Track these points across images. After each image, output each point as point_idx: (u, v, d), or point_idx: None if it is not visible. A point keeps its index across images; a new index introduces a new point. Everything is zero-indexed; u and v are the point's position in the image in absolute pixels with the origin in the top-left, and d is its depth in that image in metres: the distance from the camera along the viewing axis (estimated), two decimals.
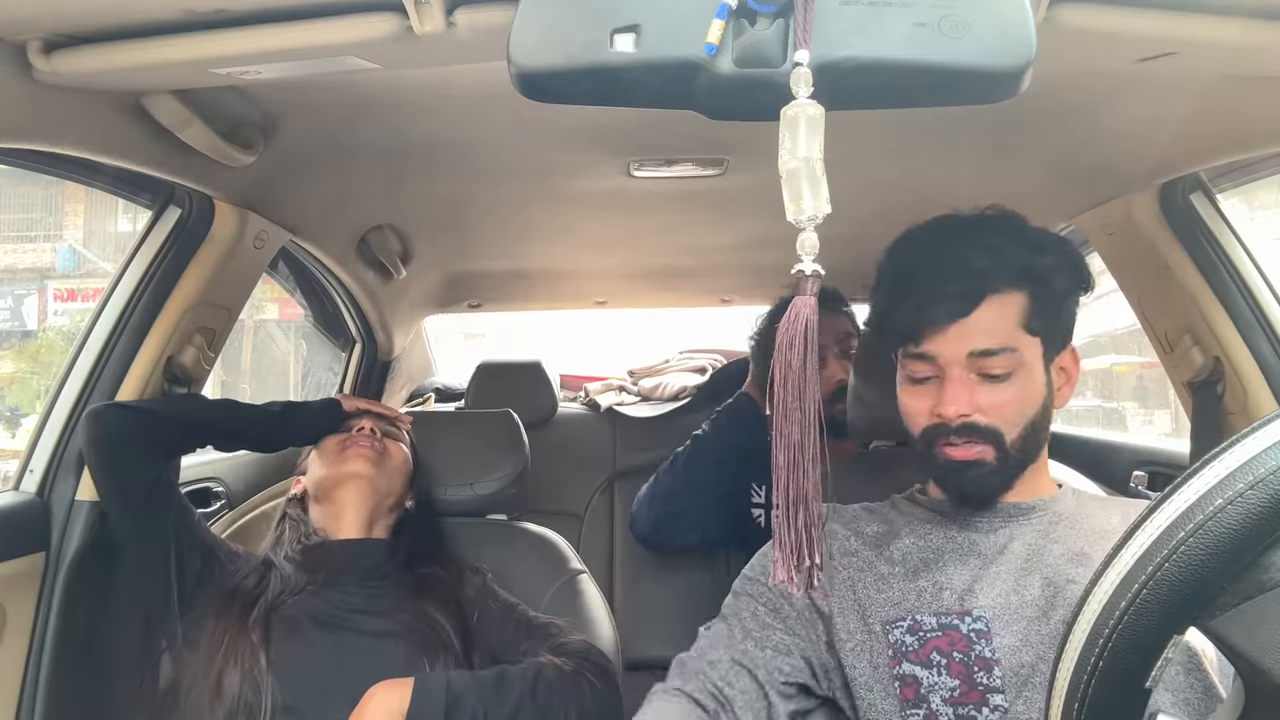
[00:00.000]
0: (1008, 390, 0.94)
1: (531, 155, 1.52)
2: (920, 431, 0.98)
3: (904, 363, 0.99)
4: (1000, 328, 0.93)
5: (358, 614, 1.26)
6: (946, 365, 0.94)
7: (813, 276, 0.66)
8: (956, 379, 0.94)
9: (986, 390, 0.94)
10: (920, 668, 0.91)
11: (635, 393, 2.75)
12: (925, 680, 0.91)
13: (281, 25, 0.85)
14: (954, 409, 0.93)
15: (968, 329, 0.93)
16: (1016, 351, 0.93)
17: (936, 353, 0.94)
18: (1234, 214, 1.42)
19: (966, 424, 0.94)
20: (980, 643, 0.90)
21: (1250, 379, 1.38)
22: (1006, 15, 0.65)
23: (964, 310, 0.93)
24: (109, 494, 1.28)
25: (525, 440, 1.66)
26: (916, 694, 0.91)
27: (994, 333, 0.93)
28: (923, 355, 0.96)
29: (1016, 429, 0.94)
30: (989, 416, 0.94)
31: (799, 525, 0.70)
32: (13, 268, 11.17)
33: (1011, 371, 0.94)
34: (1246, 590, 0.46)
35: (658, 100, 0.69)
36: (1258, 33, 0.82)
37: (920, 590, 0.95)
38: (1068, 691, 0.51)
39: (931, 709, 0.90)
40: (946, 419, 0.94)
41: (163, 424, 1.31)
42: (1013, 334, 0.93)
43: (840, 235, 0.81)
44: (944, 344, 0.94)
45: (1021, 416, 0.94)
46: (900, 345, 0.98)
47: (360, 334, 2.36)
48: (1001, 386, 0.94)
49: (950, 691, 0.90)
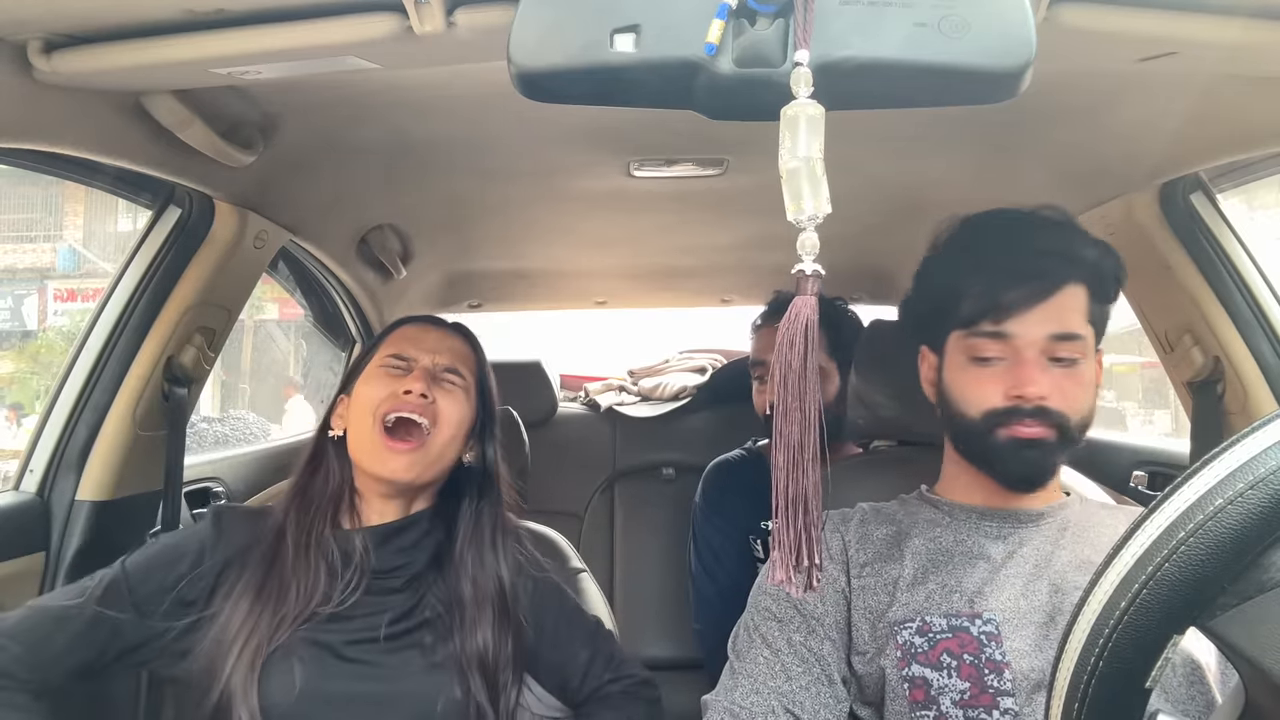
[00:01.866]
0: (1077, 377, 0.94)
1: (532, 155, 1.52)
2: (983, 413, 0.95)
3: (971, 343, 0.97)
4: (1074, 315, 0.95)
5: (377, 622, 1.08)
6: (1023, 347, 0.94)
7: (813, 276, 0.66)
8: (1033, 361, 0.93)
9: (1057, 375, 0.94)
10: (930, 669, 0.91)
11: (635, 393, 2.75)
12: (935, 682, 0.90)
13: (281, 25, 0.85)
14: (1034, 389, 0.92)
15: (1049, 311, 0.93)
16: (1083, 340, 0.94)
17: (1016, 333, 0.94)
18: (1234, 214, 1.42)
19: (1041, 407, 0.93)
20: (991, 645, 0.90)
21: (1250, 379, 1.38)
22: (1006, 15, 0.65)
23: (1048, 292, 0.94)
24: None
25: (525, 440, 1.66)
26: (926, 695, 0.91)
27: (1071, 318, 0.94)
28: (999, 334, 0.94)
29: (1078, 415, 0.94)
30: (1059, 402, 0.93)
31: (798, 525, 0.70)
32: (13, 268, 11.17)
33: (1079, 359, 0.94)
34: (1247, 590, 0.46)
35: (658, 100, 0.69)
36: (1258, 33, 0.82)
37: (930, 592, 0.95)
38: (1068, 691, 0.51)
39: (941, 711, 0.89)
40: (1026, 399, 0.93)
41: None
42: (1082, 323, 0.95)
43: (840, 235, 0.81)
44: (1025, 324, 0.94)
45: (1083, 404, 0.95)
46: (969, 324, 0.96)
47: (360, 334, 2.36)
48: (1071, 372, 0.94)
49: (960, 694, 0.89)
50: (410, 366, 1.15)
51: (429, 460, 1.12)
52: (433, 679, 1.06)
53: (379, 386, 1.13)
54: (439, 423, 1.12)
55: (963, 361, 0.98)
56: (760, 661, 0.95)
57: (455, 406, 1.15)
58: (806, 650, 0.95)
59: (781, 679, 0.93)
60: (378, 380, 1.14)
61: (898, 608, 0.95)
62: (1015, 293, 0.93)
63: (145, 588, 1.05)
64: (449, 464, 1.16)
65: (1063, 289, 0.94)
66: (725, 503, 1.83)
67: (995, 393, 0.94)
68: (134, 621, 1.03)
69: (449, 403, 1.14)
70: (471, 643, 1.09)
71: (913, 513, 1.04)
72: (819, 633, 0.96)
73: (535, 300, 2.77)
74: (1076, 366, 0.94)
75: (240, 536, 1.10)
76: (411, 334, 1.20)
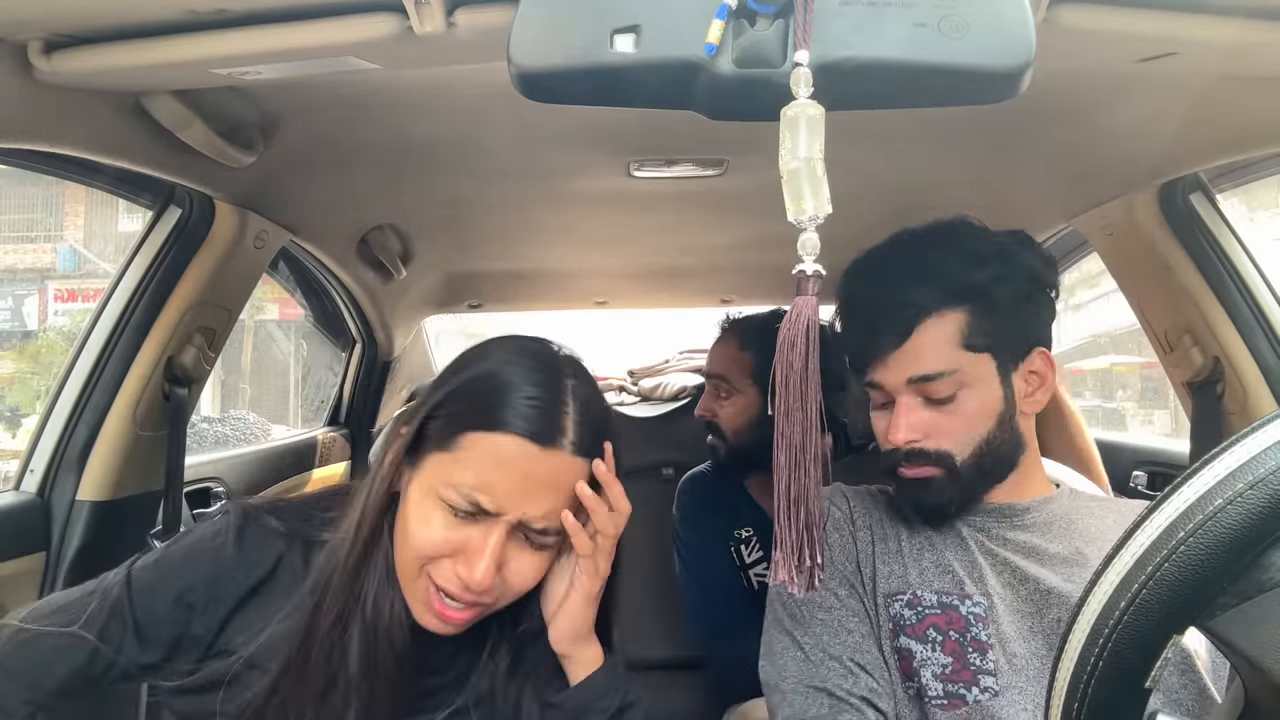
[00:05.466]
0: (955, 412, 0.94)
1: (532, 155, 1.52)
2: (884, 454, 1.00)
3: (865, 390, 1.01)
4: (939, 351, 0.93)
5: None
6: (892, 392, 0.96)
7: (814, 276, 0.66)
8: (904, 405, 0.95)
9: (933, 414, 0.95)
10: (915, 642, 0.93)
11: (635, 393, 2.76)
12: (919, 654, 0.92)
13: (281, 25, 0.85)
14: (900, 436, 0.95)
15: (905, 356, 0.94)
16: (958, 372, 0.93)
17: (881, 380, 0.97)
18: (1234, 214, 1.42)
19: (914, 450, 0.95)
20: (977, 625, 0.92)
21: (1250, 379, 1.38)
22: (1006, 15, 0.65)
23: (898, 341, 0.94)
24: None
25: None
26: (910, 668, 0.93)
27: (932, 357, 0.93)
28: (872, 383, 0.98)
29: (968, 449, 0.95)
30: (936, 441, 0.95)
31: (800, 525, 0.70)
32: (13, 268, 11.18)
33: (956, 393, 0.94)
34: (1246, 590, 0.46)
35: (658, 100, 0.69)
36: (1258, 33, 0.82)
37: (923, 569, 0.97)
38: (1067, 691, 0.51)
39: (922, 683, 0.91)
40: (895, 445, 0.96)
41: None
42: (954, 355, 0.93)
43: (841, 235, 0.81)
44: (886, 373, 0.96)
45: (971, 437, 0.95)
46: (858, 375, 1.00)
47: (360, 334, 2.37)
48: (948, 409, 0.94)
49: (942, 668, 0.91)
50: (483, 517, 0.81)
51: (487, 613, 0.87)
52: None
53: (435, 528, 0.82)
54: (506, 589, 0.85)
55: (871, 402, 1.02)
56: (819, 624, 0.97)
57: (534, 568, 0.85)
58: (855, 602, 0.98)
59: (844, 635, 0.96)
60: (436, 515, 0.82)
61: (893, 579, 0.97)
62: (873, 342, 0.96)
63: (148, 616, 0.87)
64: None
65: (919, 327, 0.93)
66: (702, 513, 1.84)
67: (884, 434, 0.98)
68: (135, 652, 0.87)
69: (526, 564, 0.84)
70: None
71: None
72: (857, 585, 0.99)
73: (535, 300, 2.77)
74: (953, 402, 0.94)
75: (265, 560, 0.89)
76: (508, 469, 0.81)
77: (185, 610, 0.87)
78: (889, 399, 0.97)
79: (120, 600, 0.88)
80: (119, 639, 0.87)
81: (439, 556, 0.82)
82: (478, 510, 0.80)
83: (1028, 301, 0.97)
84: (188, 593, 0.87)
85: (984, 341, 0.94)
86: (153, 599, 0.88)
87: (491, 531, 0.81)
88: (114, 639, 0.87)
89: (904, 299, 0.94)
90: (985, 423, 0.95)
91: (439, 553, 0.82)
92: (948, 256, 0.96)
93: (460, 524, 0.81)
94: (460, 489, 0.80)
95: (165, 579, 0.89)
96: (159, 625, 0.87)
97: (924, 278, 0.94)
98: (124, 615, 0.87)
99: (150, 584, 0.89)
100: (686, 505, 1.88)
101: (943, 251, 0.97)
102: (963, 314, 0.93)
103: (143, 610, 0.87)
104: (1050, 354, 1.00)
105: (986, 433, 0.95)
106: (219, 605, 0.87)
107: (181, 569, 0.89)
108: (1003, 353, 0.95)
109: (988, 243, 0.98)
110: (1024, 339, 0.97)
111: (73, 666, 0.87)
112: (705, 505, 1.84)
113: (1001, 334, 0.95)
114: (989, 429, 0.95)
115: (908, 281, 0.95)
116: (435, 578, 0.82)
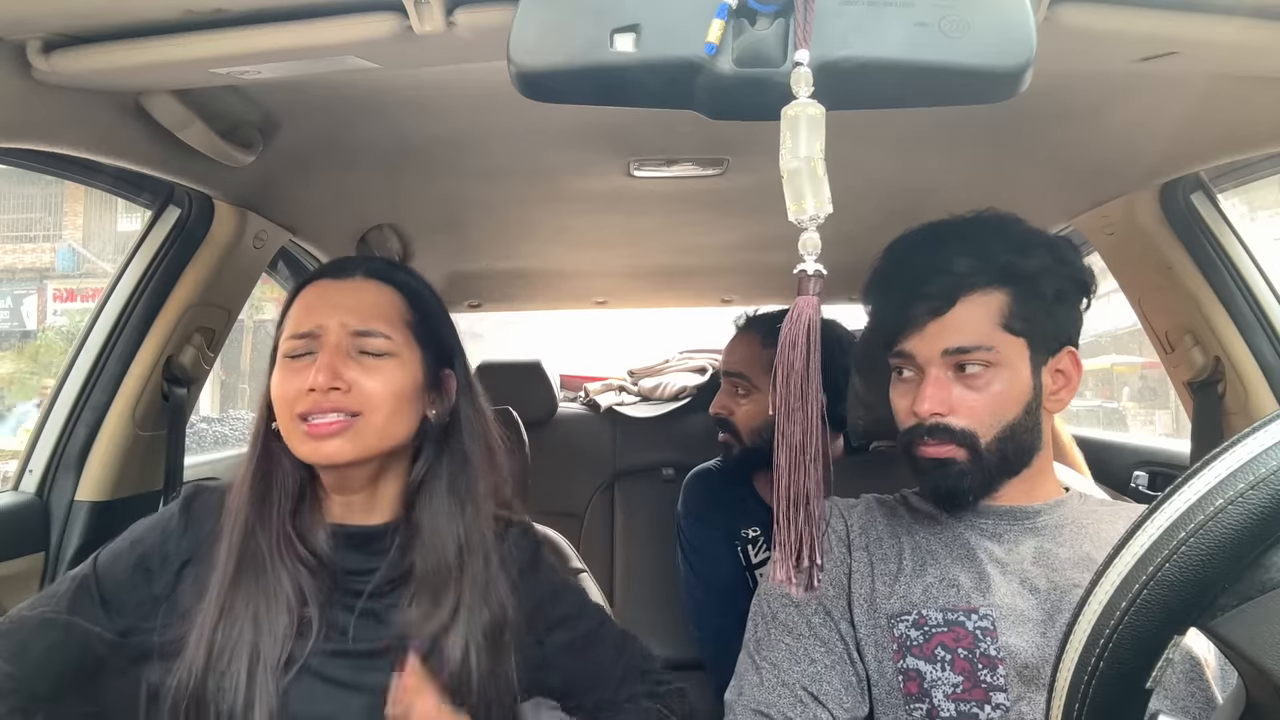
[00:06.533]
0: (984, 390, 0.94)
1: (531, 155, 1.52)
2: (903, 431, 0.99)
3: (892, 362, 1.00)
4: (977, 326, 0.94)
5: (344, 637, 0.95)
6: (925, 364, 0.96)
7: (815, 276, 0.66)
8: (933, 378, 0.95)
9: (962, 390, 0.94)
10: (924, 662, 0.91)
11: (635, 393, 2.75)
12: (929, 675, 0.91)
13: (281, 25, 0.85)
14: (927, 406, 0.94)
15: (943, 327, 0.94)
16: (993, 350, 0.94)
17: (914, 351, 0.96)
18: (1234, 214, 1.42)
19: (939, 424, 0.95)
20: (986, 640, 0.91)
21: (1251, 379, 1.38)
22: (1006, 15, 0.65)
23: (940, 308, 0.94)
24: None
25: (525, 440, 1.66)
26: (920, 688, 0.91)
27: (970, 331, 0.94)
28: (903, 353, 0.97)
29: (992, 431, 0.95)
30: (963, 418, 0.94)
31: (799, 525, 0.70)
32: (12, 268, 11.18)
33: (987, 371, 0.94)
34: (1247, 590, 0.46)
35: (658, 100, 0.69)
36: (1258, 33, 0.82)
37: (927, 586, 0.95)
38: (1068, 692, 0.51)
39: (934, 704, 0.90)
40: (920, 417, 0.95)
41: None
42: (991, 333, 0.94)
43: (841, 235, 0.81)
44: (921, 343, 0.95)
45: (997, 418, 0.95)
46: (888, 345, 0.99)
47: None
48: (977, 386, 0.94)
49: (953, 687, 0.90)
50: (313, 345, 0.95)
51: (367, 440, 0.94)
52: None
53: (284, 380, 0.95)
54: (365, 407, 0.94)
55: (894, 379, 1.01)
56: (782, 649, 0.96)
57: (381, 381, 0.95)
58: (826, 630, 0.96)
59: (805, 663, 0.95)
60: (282, 370, 0.96)
61: (895, 600, 0.96)
62: (912, 310, 0.96)
63: (112, 584, 0.95)
64: (401, 434, 0.97)
65: (962, 300, 0.94)
66: (709, 511, 1.83)
67: (907, 410, 0.98)
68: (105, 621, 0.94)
69: (373, 380, 0.94)
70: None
71: (914, 508, 1.05)
72: (835, 611, 0.97)
73: (535, 300, 2.77)
74: (984, 380, 0.94)
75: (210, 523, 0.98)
76: (310, 298, 0.99)
77: (144, 574, 0.96)
78: (916, 373, 0.97)
79: (87, 576, 0.97)
80: (88, 610, 0.94)
81: (299, 396, 0.93)
82: (308, 338, 0.96)
83: (1067, 299, 0.98)
84: (144, 559, 0.97)
85: (1021, 326, 0.95)
86: (114, 568, 0.97)
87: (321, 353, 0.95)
88: (83, 610, 0.94)
89: (950, 269, 0.95)
90: (1012, 408, 0.95)
91: (297, 391, 0.93)
92: (998, 239, 0.97)
93: (304, 365, 0.95)
94: (291, 336, 0.97)
95: (125, 550, 0.99)
96: (122, 590, 0.96)
97: (973, 253, 0.95)
98: (90, 589, 0.96)
99: (112, 556, 0.99)
100: (692, 502, 1.88)
101: (994, 235, 0.98)
102: (1005, 295, 0.95)
103: (107, 580, 0.96)
104: (1079, 357, 1.00)
105: (1012, 418, 0.95)
106: (170, 564, 0.97)
107: (138, 540, 0.99)
108: (1037, 342, 0.96)
109: (1038, 236, 1.00)
110: (1058, 335, 0.98)
111: (49, 644, 0.93)
112: (712, 503, 1.83)
113: (1039, 323, 0.96)
114: (1015, 415, 0.95)
115: (956, 254, 0.95)
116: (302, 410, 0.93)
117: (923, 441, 0.96)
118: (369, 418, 0.94)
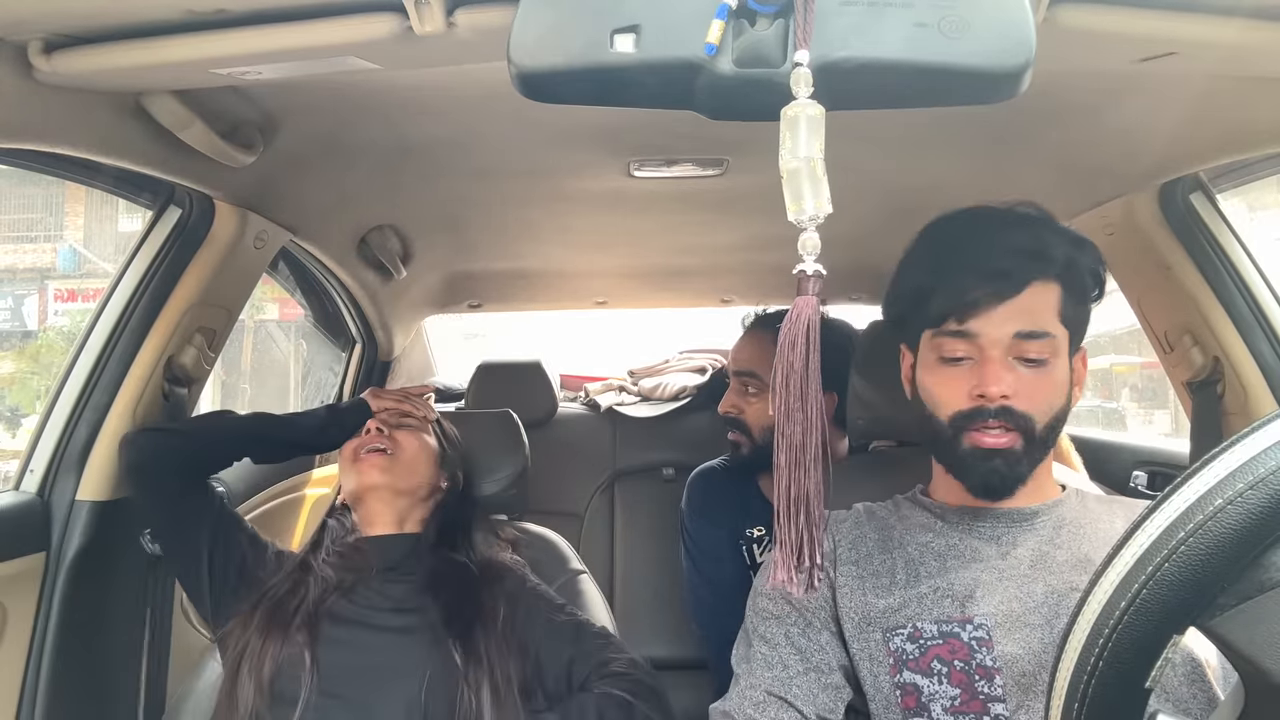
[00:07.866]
0: (1044, 377, 0.93)
1: (531, 155, 1.52)
2: (950, 416, 0.94)
3: (939, 342, 0.95)
4: (1043, 313, 0.93)
5: (378, 610, 1.26)
6: (988, 345, 0.92)
7: (814, 276, 0.66)
8: (997, 360, 0.92)
9: (1023, 375, 0.92)
10: (921, 676, 0.90)
11: (635, 393, 2.75)
12: (926, 689, 0.90)
13: (281, 25, 0.85)
14: (996, 388, 0.90)
15: (1016, 309, 0.92)
16: (1054, 339, 0.93)
17: (980, 331, 0.92)
18: (1234, 214, 1.42)
19: (1004, 408, 0.91)
20: (981, 651, 0.89)
21: (1250, 379, 1.38)
22: (1006, 15, 0.65)
23: (1014, 290, 0.92)
24: (151, 511, 1.36)
25: (525, 440, 1.66)
26: (918, 702, 0.90)
27: (1040, 317, 0.92)
28: (964, 334, 0.93)
29: (1046, 418, 0.93)
30: (1024, 403, 0.92)
31: (800, 525, 0.70)
32: (13, 268, 11.18)
33: (1047, 358, 0.93)
34: (1246, 590, 0.46)
35: (658, 100, 0.69)
36: (1258, 33, 0.82)
37: (921, 597, 0.94)
38: (1067, 692, 0.51)
39: (932, 717, 0.89)
40: (989, 399, 0.91)
41: (197, 443, 1.36)
42: (1052, 321, 0.93)
43: (841, 235, 0.81)
44: (989, 324, 0.92)
45: (1051, 406, 0.93)
46: (937, 323, 0.95)
47: (360, 334, 2.36)
48: (1038, 372, 0.93)
49: (951, 700, 0.89)
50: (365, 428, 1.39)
51: (400, 470, 1.33)
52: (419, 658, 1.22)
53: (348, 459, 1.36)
54: (401, 447, 1.35)
55: (933, 361, 0.96)
56: (758, 659, 0.96)
57: (413, 435, 1.38)
58: (805, 641, 0.96)
59: (778, 669, 0.94)
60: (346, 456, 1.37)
61: (889, 614, 0.94)
62: (980, 290, 0.92)
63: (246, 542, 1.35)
64: (423, 481, 1.36)
65: (1030, 286, 0.92)
66: (713, 509, 1.83)
67: (960, 393, 0.93)
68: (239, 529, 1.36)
69: (407, 434, 1.37)
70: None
71: (905, 516, 1.03)
72: (816, 624, 0.96)
73: (535, 300, 2.77)
74: (1045, 366, 0.93)
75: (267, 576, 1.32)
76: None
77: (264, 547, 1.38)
78: (968, 356, 0.94)
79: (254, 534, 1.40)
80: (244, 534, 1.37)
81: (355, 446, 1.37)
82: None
83: (1094, 298, 0.98)
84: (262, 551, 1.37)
85: (1069, 318, 0.94)
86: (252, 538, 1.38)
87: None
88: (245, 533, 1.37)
89: (1024, 250, 0.93)
90: (1061, 396, 0.94)
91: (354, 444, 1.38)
92: (1052, 232, 0.96)
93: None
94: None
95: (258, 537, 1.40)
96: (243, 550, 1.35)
97: (1039, 242, 0.94)
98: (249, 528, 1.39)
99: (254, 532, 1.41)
100: (696, 501, 1.88)
101: (1047, 227, 0.97)
102: (1059, 286, 0.94)
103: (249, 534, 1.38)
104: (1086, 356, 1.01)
105: (1061, 407, 0.94)
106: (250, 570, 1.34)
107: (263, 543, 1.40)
108: (1075, 336, 0.96)
109: (1080, 234, 1.00)
110: (1082, 332, 0.98)
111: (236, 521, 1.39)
112: (716, 502, 1.83)
113: (1077, 318, 0.96)
114: (1063, 404, 0.94)
115: (1025, 240, 0.94)
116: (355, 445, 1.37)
117: (983, 427, 0.92)
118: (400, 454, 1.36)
